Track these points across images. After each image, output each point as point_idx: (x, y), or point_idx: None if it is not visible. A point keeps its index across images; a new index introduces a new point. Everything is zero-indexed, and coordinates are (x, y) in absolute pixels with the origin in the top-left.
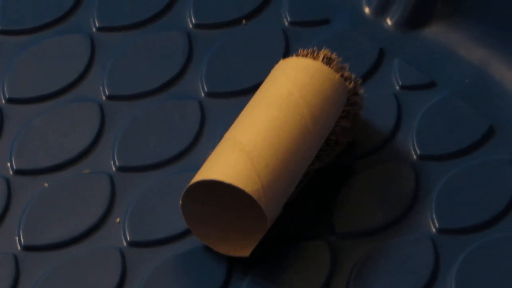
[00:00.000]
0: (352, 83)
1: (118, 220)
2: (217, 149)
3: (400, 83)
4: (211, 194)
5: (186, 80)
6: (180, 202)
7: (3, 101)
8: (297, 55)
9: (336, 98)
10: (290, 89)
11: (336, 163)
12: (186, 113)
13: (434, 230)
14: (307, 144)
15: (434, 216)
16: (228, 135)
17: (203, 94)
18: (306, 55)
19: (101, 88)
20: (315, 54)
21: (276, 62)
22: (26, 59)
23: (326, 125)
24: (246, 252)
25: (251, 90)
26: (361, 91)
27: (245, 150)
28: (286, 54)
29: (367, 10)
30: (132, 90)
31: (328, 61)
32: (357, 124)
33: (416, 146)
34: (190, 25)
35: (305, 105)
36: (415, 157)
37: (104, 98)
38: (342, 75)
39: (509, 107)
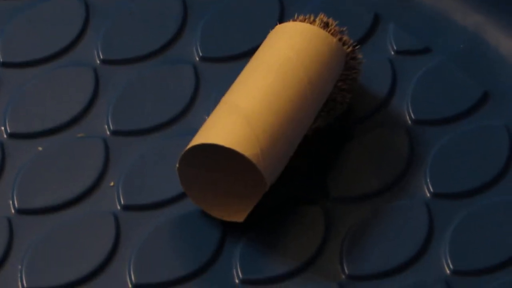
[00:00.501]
0: (350, 47)
1: (112, 184)
2: (214, 113)
3: (395, 48)
4: (208, 158)
5: (181, 45)
6: (177, 165)
7: None
8: (294, 20)
9: (333, 63)
10: (288, 54)
11: (331, 127)
12: (181, 77)
13: (428, 194)
14: (305, 108)
15: (428, 180)
16: (226, 99)
17: (197, 59)
18: (303, 21)
19: (96, 52)
20: (312, 19)
21: (271, 26)
22: (20, 23)
23: (324, 89)
24: (241, 217)
25: (246, 54)
26: (359, 55)
27: (244, 114)
28: (281, 18)
29: None
30: (127, 54)
31: (325, 26)
32: (354, 88)
33: (411, 111)
34: None
35: (303, 69)
36: (410, 122)
37: (98, 62)
38: (340, 39)
39: (504, 72)
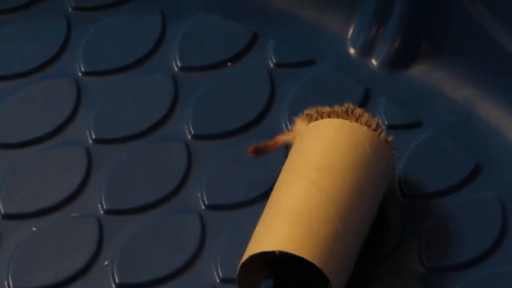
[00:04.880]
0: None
1: (106, 263)
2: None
3: (386, 122)
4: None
5: (172, 122)
6: (248, 255)
7: None
8: (332, 109)
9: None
10: (364, 183)
11: None
12: (173, 154)
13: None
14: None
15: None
16: (308, 201)
17: (189, 136)
18: (345, 113)
19: (88, 132)
20: (356, 114)
21: (262, 103)
22: (14, 104)
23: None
24: None
25: (238, 131)
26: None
27: (339, 226)
28: (272, 95)
29: (352, 50)
30: (119, 133)
31: (376, 127)
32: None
33: (403, 186)
34: (176, 68)
35: (374, 201)
36: (400, 196)
37: (90, 141)
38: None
39: (495, 144)
